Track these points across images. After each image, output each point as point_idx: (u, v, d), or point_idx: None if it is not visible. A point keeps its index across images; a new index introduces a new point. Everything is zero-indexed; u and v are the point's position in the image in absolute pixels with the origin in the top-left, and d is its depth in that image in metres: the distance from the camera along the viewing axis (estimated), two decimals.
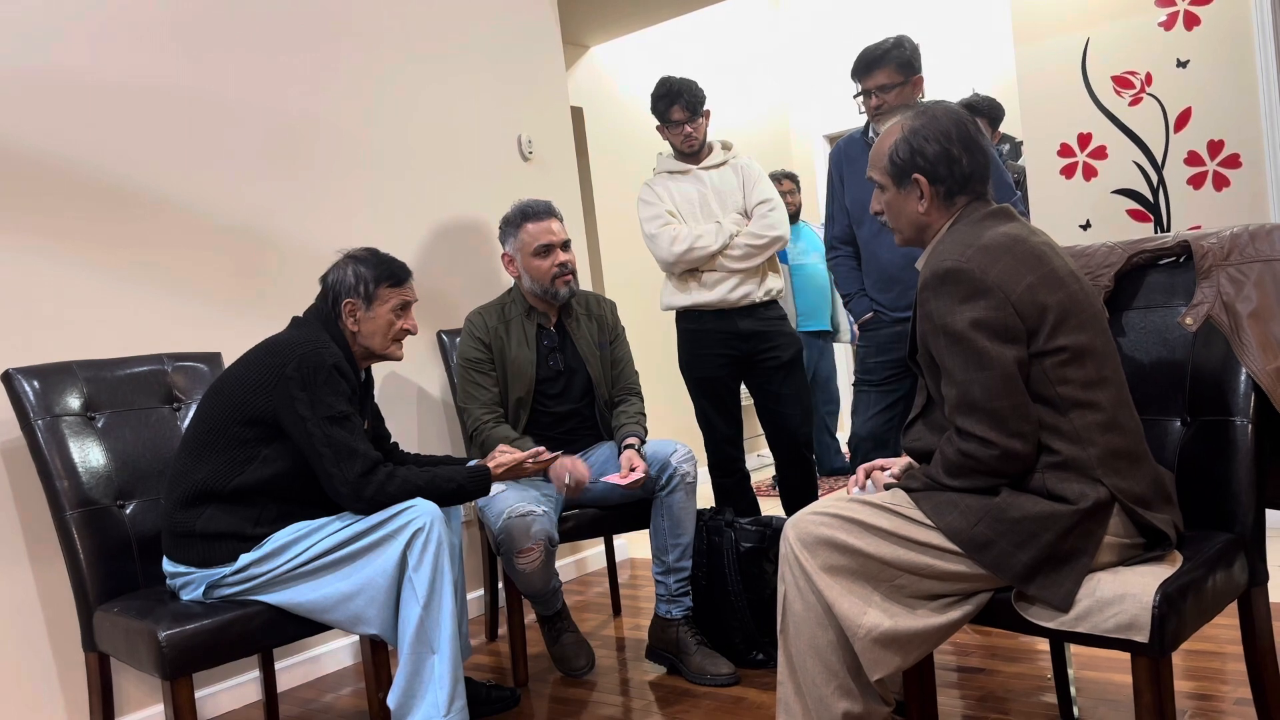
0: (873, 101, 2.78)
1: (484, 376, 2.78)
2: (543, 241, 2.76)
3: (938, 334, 1.63)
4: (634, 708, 2.48)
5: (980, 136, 1.75)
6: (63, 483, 2.15)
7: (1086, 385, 1.59)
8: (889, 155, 1.77)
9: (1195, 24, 3.47)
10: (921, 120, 1.74)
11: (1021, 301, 1.59)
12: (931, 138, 1.72)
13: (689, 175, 3.25)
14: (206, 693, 2.64)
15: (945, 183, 1.73)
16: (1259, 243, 1.76)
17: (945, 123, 1.72)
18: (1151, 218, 3.62)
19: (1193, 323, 1.78)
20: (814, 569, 1.62)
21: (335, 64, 3.09)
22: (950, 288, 1.61)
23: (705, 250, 3.11)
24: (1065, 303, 1.60)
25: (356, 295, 2.23)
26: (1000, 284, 1.59)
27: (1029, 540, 1.57)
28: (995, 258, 1.61)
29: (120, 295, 2.57)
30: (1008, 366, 1.57)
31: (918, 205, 1.76)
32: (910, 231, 1.81)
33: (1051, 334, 1.59)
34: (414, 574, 2.01)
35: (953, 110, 1.75)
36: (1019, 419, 1.58)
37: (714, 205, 3.19)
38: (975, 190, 1.74)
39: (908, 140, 1.74)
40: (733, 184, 3.21)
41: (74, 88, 2.51)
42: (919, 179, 1.73)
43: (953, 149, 1.71)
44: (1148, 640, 1.49)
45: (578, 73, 5.10)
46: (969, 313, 1.59)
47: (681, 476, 2.66)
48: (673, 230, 3.15)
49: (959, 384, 1.61)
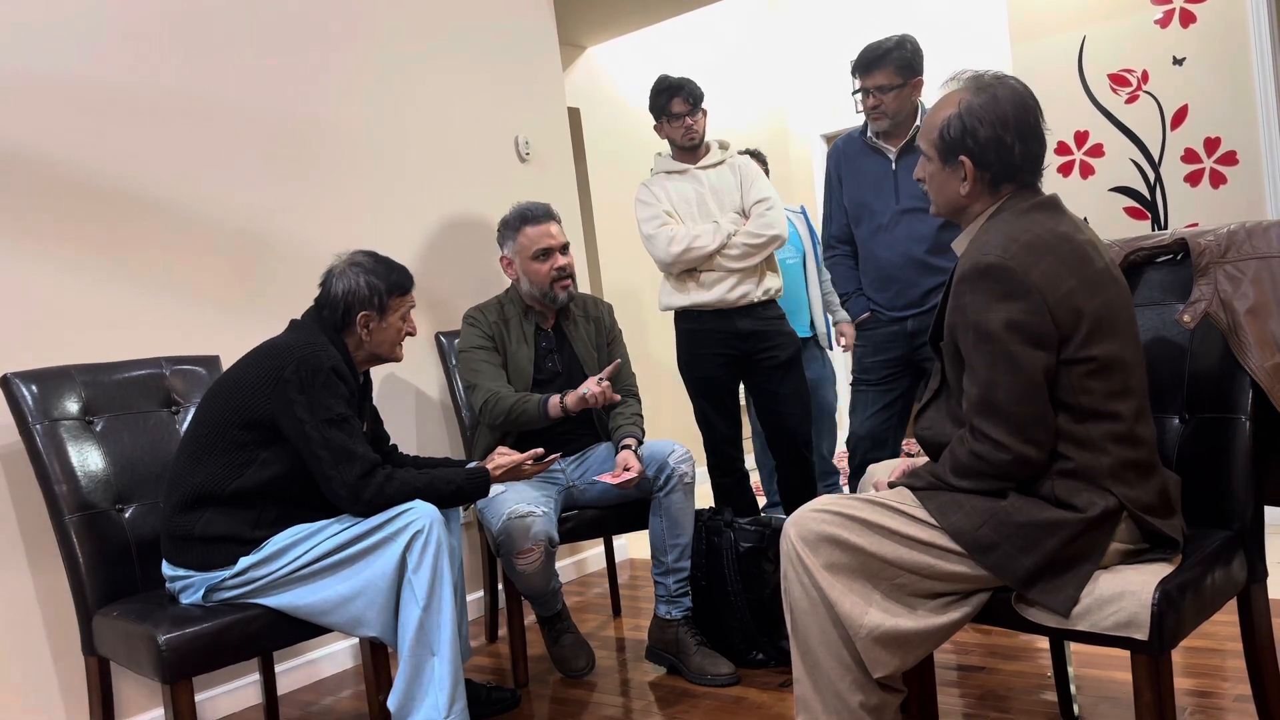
0: (870, 101, 2.77)
1: (492, 355, 2.77)
2: (541, 245, 2.76)
3: (969, 329, 1.60)
4: (634, 708, 2.48)
5: (1040, 125, 1.67)
6: (61, 487, 2.14)
7: (1109, 396, 1.57)
8: (940, 129, 1.67)
9: (1191, 21, 3.47)
10: (981, 99, 1.64)
11: (1059, 307, 1.55)
12: (987, 120, 1.63)
13: (687, 175, 3.25)
14: (206, 696, 2.64)
15: (993, 169, 1.65)
16: (1256, 240, 1.76)
17: (1005, 106, 1.63)
18: (1149, 215, 3.62)
19: (1190, 320, 1.78)
20: (815, 567, 1.61)
21: (333, 66, 3.09)
22: (989, 284, 1.56)
23: (703, 250, 3.11)
24: (1101, 310, 1.56)
25: (371, 307, 2.22)
26: (1041, 286, 1.54)
27: (1033, 545, 1.55)
28: (1039, 257, 1.56)
29: (118, 299, 2.56)
30: (1035, 373, 1.55)
31: (960, 186, 1.69)
32: (946, 209, 1.75)
33: (1084, 343, 1.56)
34: (413, 576, 2.01)
35: (1017, 92, 1.65)
36: (1038, 426, 1.56)
37: (711, 205, 3.19)
38: (1024, 180, 1.68)
39: (962, 118, 1.64)
40: (730, 183, 3.21)
41: (72, 90, 2.51)
42: (965, 161, 1.66)
43: (1006, 136, 1.63)
44: (1147, 638, 1.49)
45: (575, 73, 5.09)
46: (1005, 313, 1.55)
47: (679, 477, 2.66)
48: (670, 230, 3.15)
49: (983, 383, 1.58)
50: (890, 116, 2.77)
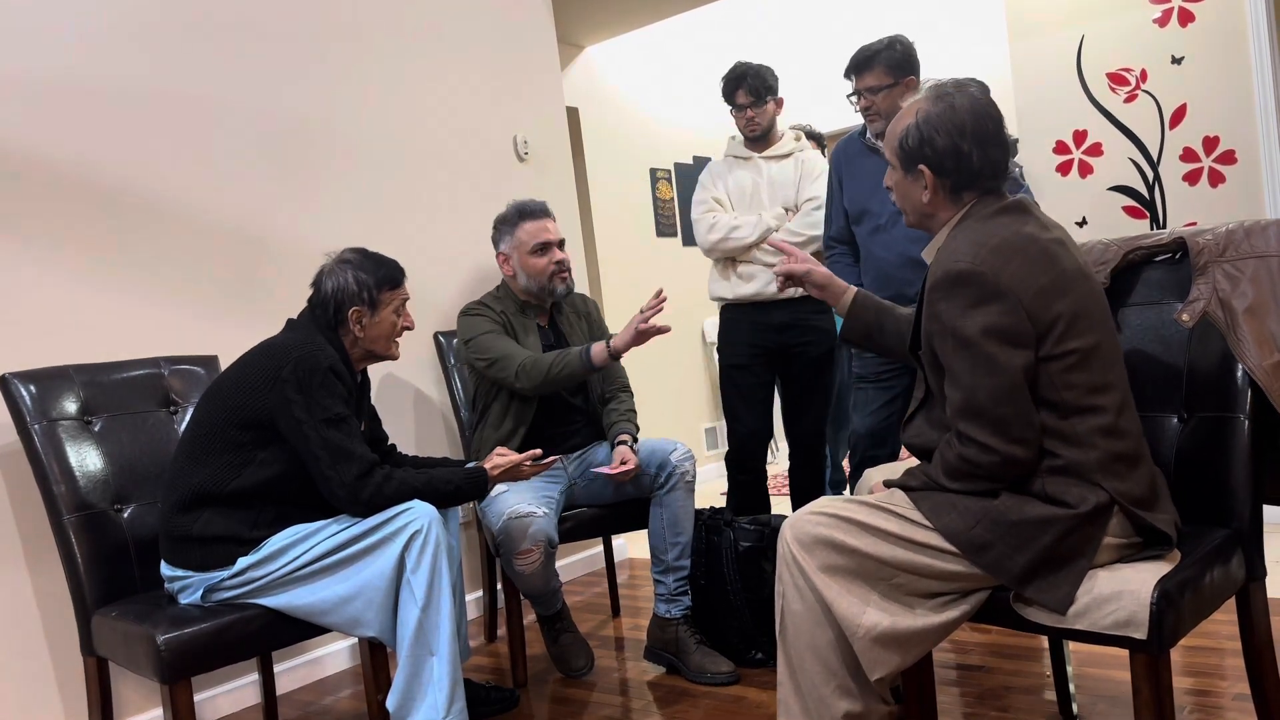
0: (863, 102, 2.78)
1: (505, 336, 2.73)
2: (540, 240, 2.77)
3: (945, 336, 1.61)
4: (634, 707, 2.48)
5: (1001, 131, 1.67)
6: (60, 487, 2.14)
7: (1091, 390, 1.58)
8: (899, 139, 1.70)
9: (1190, 20, 3.47)
10: (939, 108, 1.66)
11: (1033, 305, 1.56)
12: (943, 130, 1.65)
13: (750, 163, 3.25)
14: (205, 696, 2.64)
15: (952, 177, 1.67)
16: (1254, 239, 1.76)
17: (962, 115, 1.65)
18: (1147, 214, 3.62)
19: (1189, 319, 1.78)
20: (812, 569, 1.61)
21: (331, 66, 3.09)
22: (962, 290, 1.58)
23: (740, 241, 3.12)
24: (1075, 305, 1.58)
25: (361, 303, 2.22)
26: (1013, 287, 1.55)
27: (1027, 543, 1.56)
28: (1007, 259, 1.57)
29: (116, 298, 2.56)
30: (1015, 373, 1.55)
31: (921, 195, 1.71)
32: (914, 217, 1.77)
33: (1061, 338, 1.57)
34: (412, 576, 2.01)
35: (975, 101, 1.66)
36: (1022, 426, 1.57)
37: (764, 197, 3.20)
38: (986, 186, 1.69)
39: (919, 128, 1.67)
40: (790, 178, 3.21)
41: (67, 90, 2.51)
42: (924, 170, 1.69)
43: (964, 144, 1.64)
44: (1146, 637, 1.49)
45: (573, 72, 5.09)
46: (980, 318, 1.56)
47: (681, 475, 2.66)
48: (713, 217, 3.18)
49: (965, 388, 1.59)
50: (884, 117, 2.77)
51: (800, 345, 3.19)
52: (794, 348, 3.20)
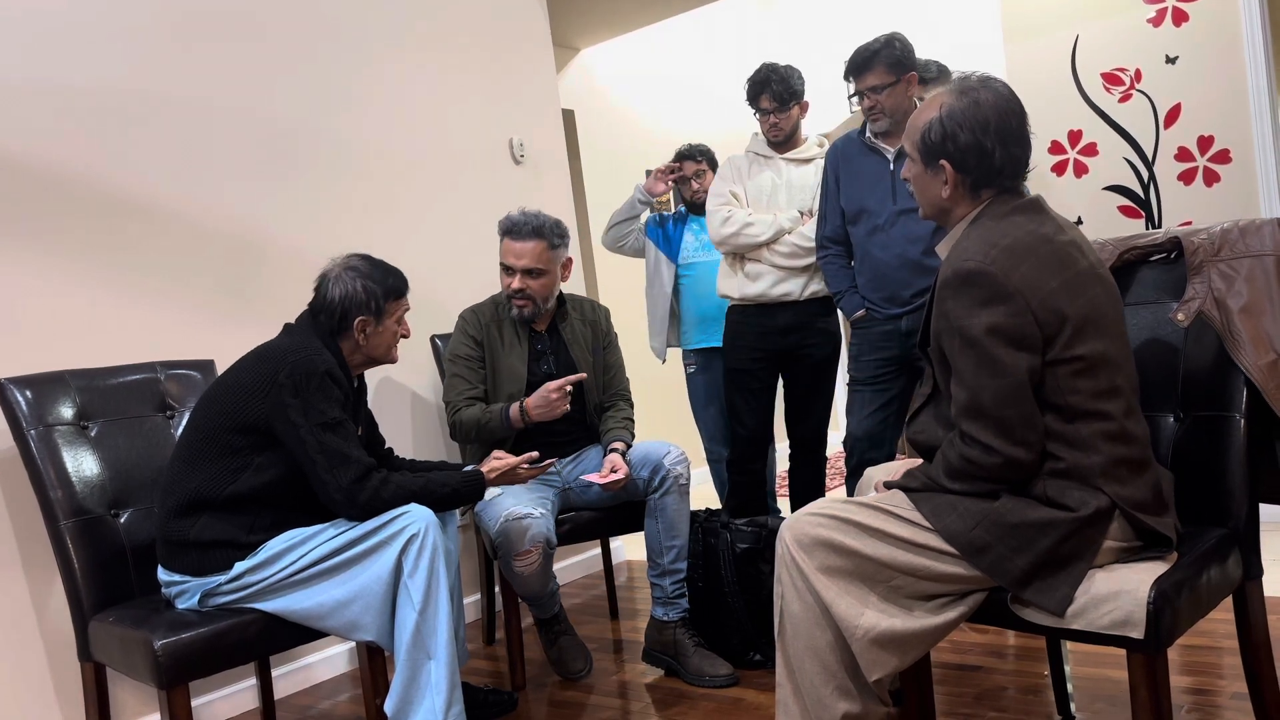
0: (866, 102, 2.78)
1: (470, 372, 2.78)
2: (504, 260, 2.77)
3: (953, 334, 1.60)
4: (632, 710, 2.48)
5: (1023, 128, 1.66)
6: (57, 492, 2.14)
7: (1097, 395, 1.57)
8: (922, 132, 1.68)
9: (1184, 20, 3.48)
10: (963, 103, 1.64)
11: (1042, 308, 1.55)
12: (967, 125, 1.63)
13: (771, 163, 3.24)
14: (203, 701, 2.64)
15: (973, 174, 1.66)
16: (1249, 238, 1.76)
17: (986, 111, 1.63)
18: (1143, 214, 3.63)
19: (1184, 319, 1.78)
20: (811, 570, 1.62)
21: (327, 69, 3.09)
22: (971, 289, 1.57)
23: (752, 239, 3.11)
24: (1086, 309, 1.57)
25: (369, 312, 2.21)
26: (1022, 289, 1.55)
27: (1027, 546, 1.56)
28: (1019, 260, 1.56)
29: (112, 303, 2.56)
30: (1020, 375, 1.55)
31: (941, 190, 1.70)
32: (931, 211, 1.76)
33: (1069, 343, 1.56)
34: (409, 580, 2.01)
35: (1000, 97, 1.65)
36: (1026, 428, 1.56)
37: (781, 199, 3.19)
38: (1004, 184, 1.68)
39: (943, 123, 1.65)
40: (810, 182, 3.20)
41: (64, 94, 2.50)
42: (945, 165, 1.67)
43: (987, 141, 1.63)
44: (1143, 636, 1.49)
45: (568, 75, 5.10)
46: (987, 318, 1.56)
47: (674, 478, 2.66)
48: (727, 210, 3.16)
49: (969, 388, 1.58)
50: (889, 115, 2.77)
51: (805, 347, 3.19)
52: (799, 350, 3.19)
